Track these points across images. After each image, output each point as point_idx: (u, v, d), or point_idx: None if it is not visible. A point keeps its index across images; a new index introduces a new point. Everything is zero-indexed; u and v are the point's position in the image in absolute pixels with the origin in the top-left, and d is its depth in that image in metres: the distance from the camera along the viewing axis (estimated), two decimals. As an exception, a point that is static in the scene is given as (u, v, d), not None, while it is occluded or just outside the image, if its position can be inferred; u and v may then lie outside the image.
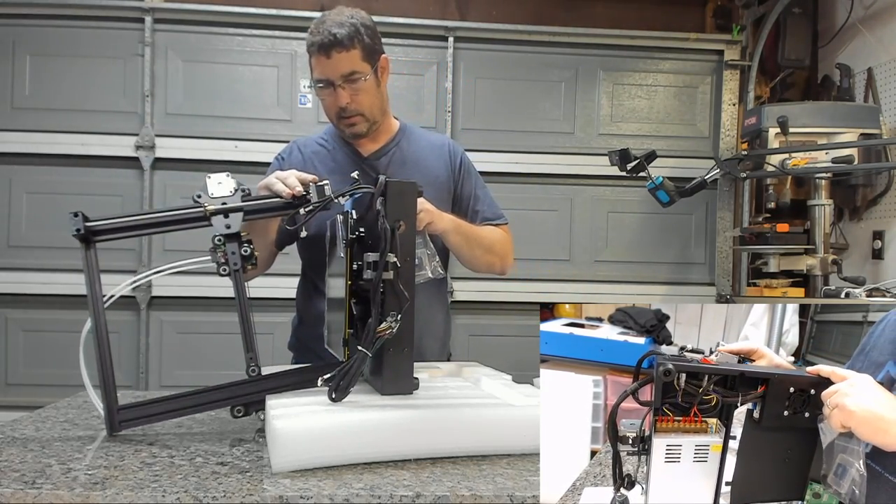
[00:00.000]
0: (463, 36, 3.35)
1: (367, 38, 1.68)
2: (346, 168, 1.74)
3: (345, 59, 1.65)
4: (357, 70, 1.67)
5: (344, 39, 1.63)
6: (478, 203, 1.86)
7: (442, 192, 1.81)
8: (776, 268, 3.10)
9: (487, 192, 1.90)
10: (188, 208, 1.35)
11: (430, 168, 1.82)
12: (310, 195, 1.37)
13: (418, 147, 1.85)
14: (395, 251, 1.22)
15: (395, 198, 1.26)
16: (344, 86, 1.68)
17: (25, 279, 3.12)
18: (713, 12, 3.63)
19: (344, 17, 1.66)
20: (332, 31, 1.63)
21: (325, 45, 1.63)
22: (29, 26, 3.16)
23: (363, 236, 1.32)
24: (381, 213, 1.23)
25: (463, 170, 1.87)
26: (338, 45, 1.63)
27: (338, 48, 1.63)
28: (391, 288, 1.23)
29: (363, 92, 1.71)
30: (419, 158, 1.82)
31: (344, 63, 1.65)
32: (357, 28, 1.66)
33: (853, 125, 2.95)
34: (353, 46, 1.65)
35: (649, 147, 3.04)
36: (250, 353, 1.32)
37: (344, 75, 1.67)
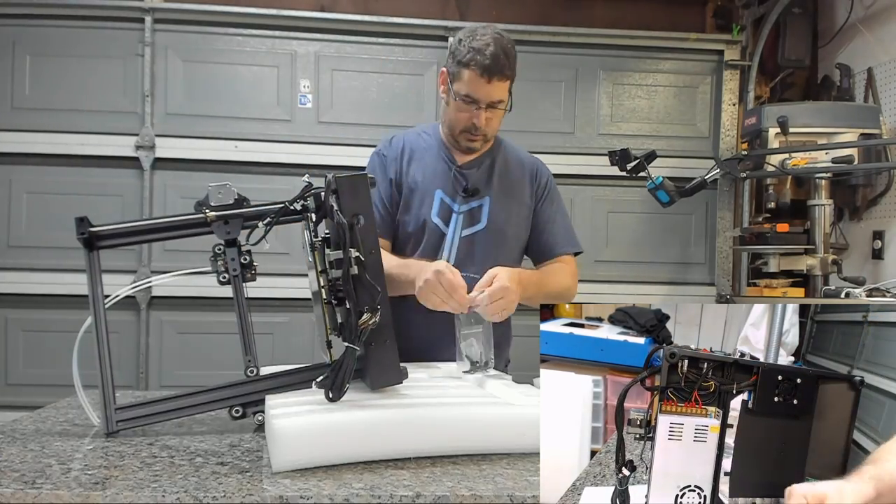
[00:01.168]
0: (463, 36, 3.35)
1: (514, 70, 1.74)
2: (438, 171, 1.83)
3: (500, 87, 1.71)
4: (503, 99, 1.74)
5: (506, 69, 1.69)
6: (554, 228, 1.88)
7: (522, 208, 1.87)
8: (776, 268, 3.10)
9: (567, 218, 1.94)
10: (190, 215, 1.36)
11: (515, 184, 1.87)
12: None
13: (508, 162, 1.89)
14: (356, 246, 1.23)
15: (349, 193, 1.26)
16: (486, 109, 1.73)
17: (25, 279, 3.12)
18: (713, 12, 3.63)
19: (506, 43, 1.70)
20: (500, 58, 1.67)
21: (491, 70, 1.67)
22: (29, 26, 3.16)
23: (329, 237, 1.32)
24: (336, 210, 1.24)
25: (546, 192, 1.91)
26: (500, 73, 1.68)
27: (499, 76, 1.69)
28: (360, 282, 1.23)
29: (497, 117, 1.77)
30: (506, 173, 1.87)
31: (498, 91, 1.71)
32: (514, 59, 1.72)
33: (853, 125, 2.95)
34: (508, 77, 1.71)
35: (649, 147, 3.04)
36: (249, 355, 1.34)
37: (493, 102, 1.72)
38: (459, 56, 1.70)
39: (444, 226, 1.82)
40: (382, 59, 3.34)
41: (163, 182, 3.22)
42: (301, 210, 1.37)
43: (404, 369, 1.29)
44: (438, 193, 1.82)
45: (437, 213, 1.81)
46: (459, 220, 1.82)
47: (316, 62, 3.29)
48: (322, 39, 3.30)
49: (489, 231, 1.82)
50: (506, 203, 1.85)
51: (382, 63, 3.34)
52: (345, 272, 1.22)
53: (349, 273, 1.22)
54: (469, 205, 1.83)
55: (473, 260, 1.80)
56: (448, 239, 1.81)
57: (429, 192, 1.82)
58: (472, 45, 1.69)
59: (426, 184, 1.83)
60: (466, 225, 1.82)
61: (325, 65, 3.30)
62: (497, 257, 1.79)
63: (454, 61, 1.72)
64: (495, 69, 1.67)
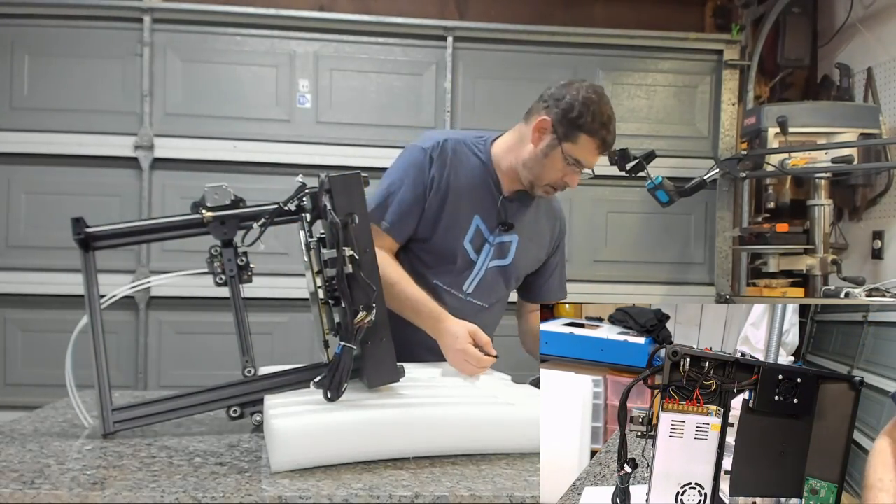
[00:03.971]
0: (462, 36, 3.35)
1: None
2: (482, 197, 1.79)
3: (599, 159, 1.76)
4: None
5: (610, 148, 1.74)
6: (553, 278, 1.95)
7: (540, 253, 1.91)
8: (776, 268, 3.09)
9: (564, 268, 1.99)
10: (186, 216, 1.36)
11: (541, 230, 1.90)
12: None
13: (540, 206, 1.89)
14: (350, 244, 1.23)
15: (342, 192, 1.27)
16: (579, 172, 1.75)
17: (24, 279, 3.12)
18: (712, 12, 3.63)
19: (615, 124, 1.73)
20: (614, 138, 1.72)
21: (608, 145, 1.71)
22: (28, 26, 3.15)
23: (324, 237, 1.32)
24: (330, 209, 1.25)
25: (561, 242, 1.96)
26: (608, 150, 1.74)
27: (607, 152, 1.75)
28: (355, 281, 1.23)
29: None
30: (537, 216, 1.88)
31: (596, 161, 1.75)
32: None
33: (853, 125, 2.95)
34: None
35: (649, 147, 3.02)
36: (246, 356, 1.34)
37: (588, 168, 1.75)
38: (581, 121, 1.66)
39: (474, 254, 1.79)
40: (381, 58, 3.33)
41: (161, 182, 3.21)
42: (296, 210, 1.37)
43: (401, 368, 1.29)
44: (477, 220, 1.79)
45: (471, 239, 1.78)
46: (491, 252, 1.81)
47: (315, 62, 3.29)
48: (321, 39, 3.30)
49: (512, 267, 1.84)
50: (529, 245, 1.86)
51: (381, 63, 3.33)
52: (339, 271, 1.22)
53: (343, 272, 1.22)
54: (501, 238, 1.81)
55: (487, 290, 1.83)
56: (476, 268, 1.81)
57: (467, 216, 1.78)
58: (596, 113, 1.66)
59: (467, 206, 1.77)
60: (495, 257, 1.82)
61: (324, 65, 3.30)
62: (503, 290, 1.88)
63: (569, 121, 1.67)
64: (611, 145, 1.72)
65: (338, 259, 1.22)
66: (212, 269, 1.36)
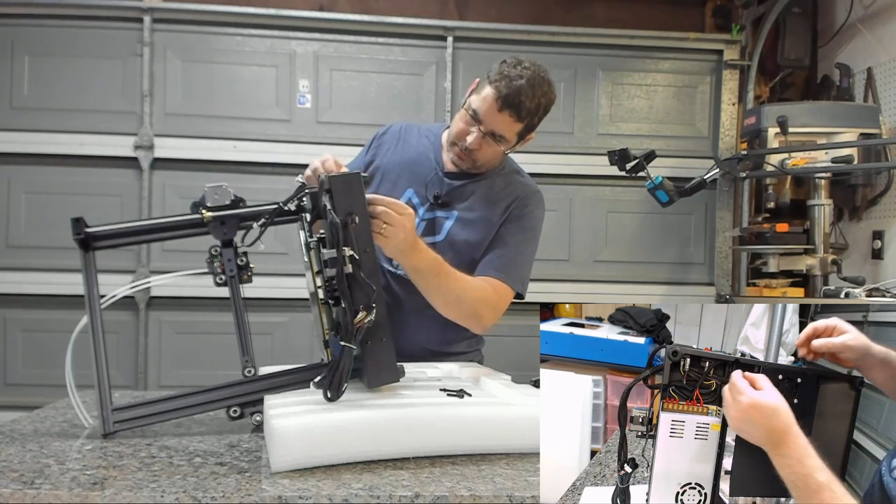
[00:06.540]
0: (462, 36, 3.35)
1: (536, 120, 1.67)
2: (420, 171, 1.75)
3: (506, 123, 1.62)
4: (505, 137, 1.65)
5: (522, 112, 1.61)
6: (501, 250, 1.72)
7: (486, 233, 1.73)
8: (776, 268, 3.09)
9: (523, 252, 1.76)
10: (186, 216, 1.36)
11: (491, 211, 1.74)
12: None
13: (495, 190, 1.76)
14: (349, 244, 1.23)
15: (342, 191, 1.27)
16: (485, 135, 1.64)
17: (24, 279, 3.12)
18: (712, 12, 3.63)
19: (538, 88, 1.62)
20: (522, 95, 1.59)
21: (505, 100, 1.60)
22: (28, 26, 3.15)
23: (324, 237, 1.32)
24: (329, 209, 1.24)
25: (512, 216, 1.75)
26: (512, 109, 1.60)
27: (511, 111, 1.60)
28: (355, 281, 1.23)
29: (491, 152, 1.68)
30: (487, 199, 1.75)
31: (502, 124, 1.63)
32: (539, 109, 1.64)
33: (853, 125, 2.95)
34: (521, 120, 1.63)
35: (648, 147, 3.03)
36: (246, 356, 1.34)
37: (494, 132, 1.64)
38: (492, 73, 1.63)
39: None
40: (381, 58, 3.33)
41: (161, 182, 3.21)
42: (296, 210, 1.37)
43: (401, 368, 1.29)
44: (409, 192, 1.75)
45: None
46: (421, 228, 1.72)
47: (315, 62, 3.29)
48: (321, 39, 3.30)
49: (444, 244, 1.71)
50: (470, 225, 1.74)
51: (381, 63, 3.33)
52: (339, 271, 1.22)
53: (343, 272, 1.22)
54: (435, 213, 1.74)
55: None
56: None
57: (399, 187, 1.74)
58: (509, 69, 1.61)
59: (404, 182, 1.75)
60: (425, 234, 1.71)
61: (324, 65, 3.30)
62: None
63: (487, 75, 1.65)
64: (510, 101, 1.59)
65: (338, 259, 1.22)
66: (212, 269, 1.36)
